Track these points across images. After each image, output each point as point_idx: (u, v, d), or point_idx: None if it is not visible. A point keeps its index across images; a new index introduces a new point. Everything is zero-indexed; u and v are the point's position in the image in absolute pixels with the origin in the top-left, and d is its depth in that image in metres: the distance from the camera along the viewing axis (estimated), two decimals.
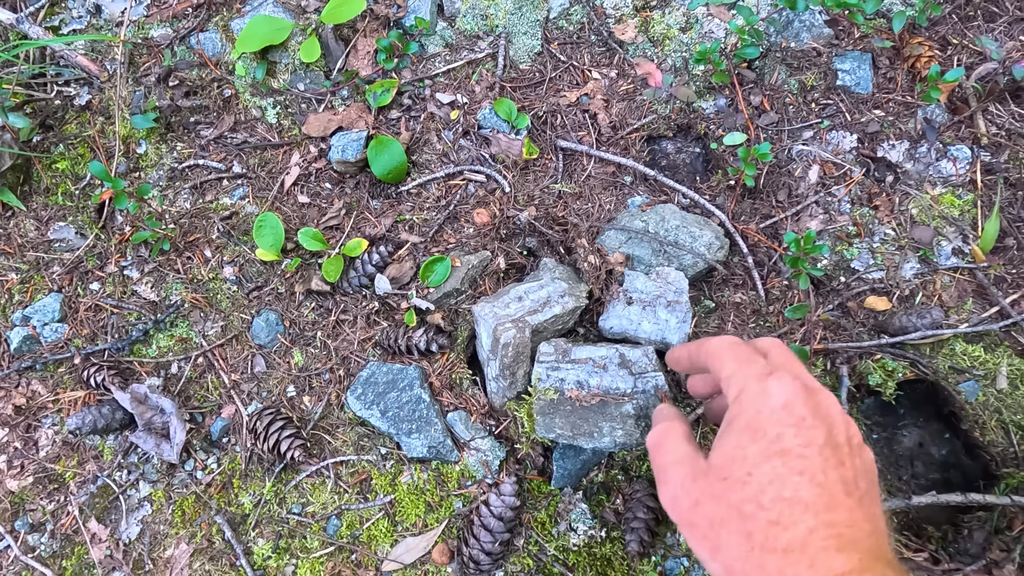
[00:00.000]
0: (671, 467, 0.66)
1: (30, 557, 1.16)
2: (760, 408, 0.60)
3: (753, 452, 0.58)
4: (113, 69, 1.42)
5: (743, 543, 0.54)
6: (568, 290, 1.13)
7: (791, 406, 0.60)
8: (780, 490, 0.55)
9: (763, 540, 0.53)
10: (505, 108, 1.30)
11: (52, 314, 1.28)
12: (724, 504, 0.57)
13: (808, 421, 0.59)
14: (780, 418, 0.59)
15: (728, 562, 0.55)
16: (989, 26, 1.31)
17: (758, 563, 0.53)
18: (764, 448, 0.57)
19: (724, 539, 0.56)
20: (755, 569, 0.53)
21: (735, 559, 0.55)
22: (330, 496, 1.15)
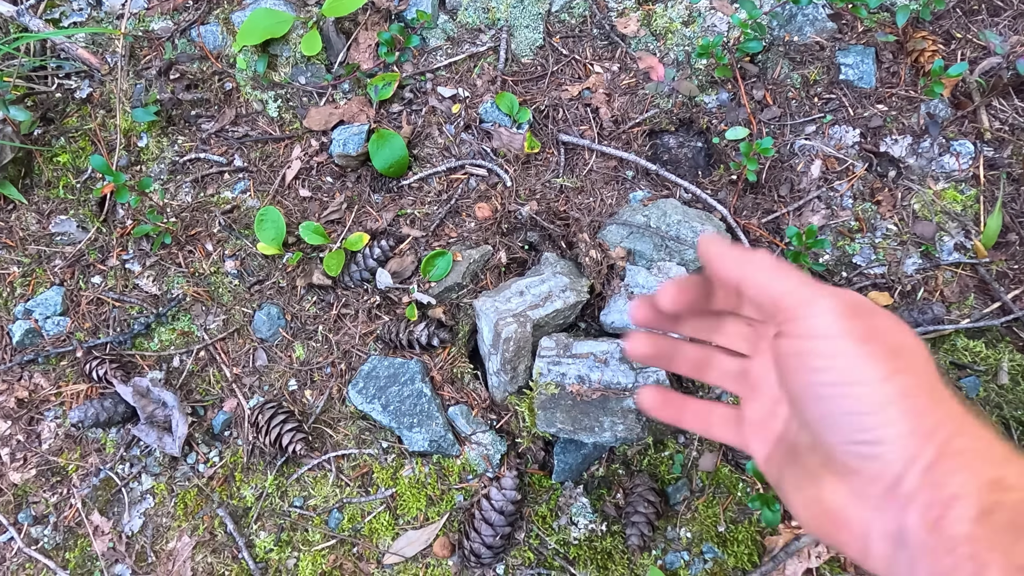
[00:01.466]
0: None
1: (33, 549, 1.16)
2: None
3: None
4: (114, 62, 1.41)
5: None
6: (569, 285, 1.14)
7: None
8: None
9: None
10: (507, 102, 1.30)
11: (54, 307, 1.28)
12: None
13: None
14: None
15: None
16: (993, 20, 1.30)
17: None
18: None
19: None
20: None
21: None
22: (332, 489, 1.16)
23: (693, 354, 0.62)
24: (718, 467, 1.11)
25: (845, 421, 0.45)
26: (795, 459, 0.52)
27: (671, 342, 0.62)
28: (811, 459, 0.50)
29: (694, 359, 0.61)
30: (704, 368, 0.61)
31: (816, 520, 0.49)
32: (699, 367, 0.61)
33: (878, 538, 0.45)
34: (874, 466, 0.44)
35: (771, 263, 0.48)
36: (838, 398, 0.45)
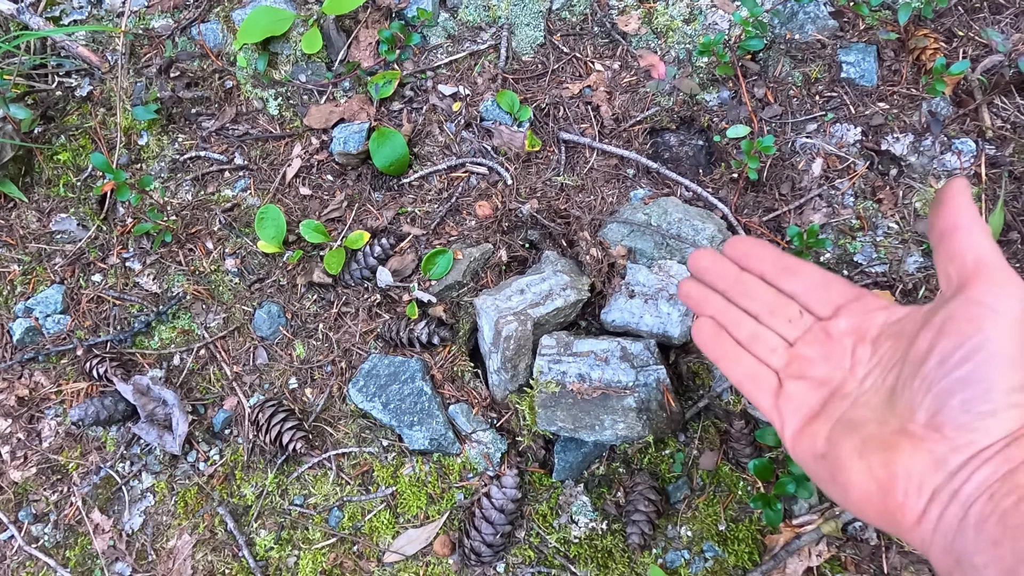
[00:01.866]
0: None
1: (34, 547, 1.16)
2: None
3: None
4: (114, 60, 1.41)
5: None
6: (570, 283, 1.13)
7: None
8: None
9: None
10: (507, 100, 1.30)
11: (54, 305, 1.28)
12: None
13: None
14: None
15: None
16: (995, 18, 1.30)
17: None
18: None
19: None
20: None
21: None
22: (332, 488, 1.16)
23: (744, 321, 0.67)
24: (719, 466, 1.11)
25: (975, 388, 0.49)
26: (854, 429, 0.56)
27: (721, 300, 0.69)
28: (882, 428, 0.54)
29: (743, 324, 0.67)
30: (751, 335, 0.66)
31: (877, 484, 0.52)
32: (746, 331, 0.66)
33: (942, 499, 0.49)
34: (973, 435, 0.49)
35: (986, 228, 0.54)
36: (982, 365, 0.49)
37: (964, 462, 0.49)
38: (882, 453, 0.52)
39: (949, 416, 0.50)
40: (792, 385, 0.62)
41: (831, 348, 0.62)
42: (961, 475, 0.48)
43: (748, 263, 0.68)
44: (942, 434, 0.50)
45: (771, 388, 0.64)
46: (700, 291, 0.71)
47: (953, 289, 0.53)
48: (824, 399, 0.60)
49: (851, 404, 0.58)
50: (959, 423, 0.49)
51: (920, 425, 0.51)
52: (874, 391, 0.57)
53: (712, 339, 0.68)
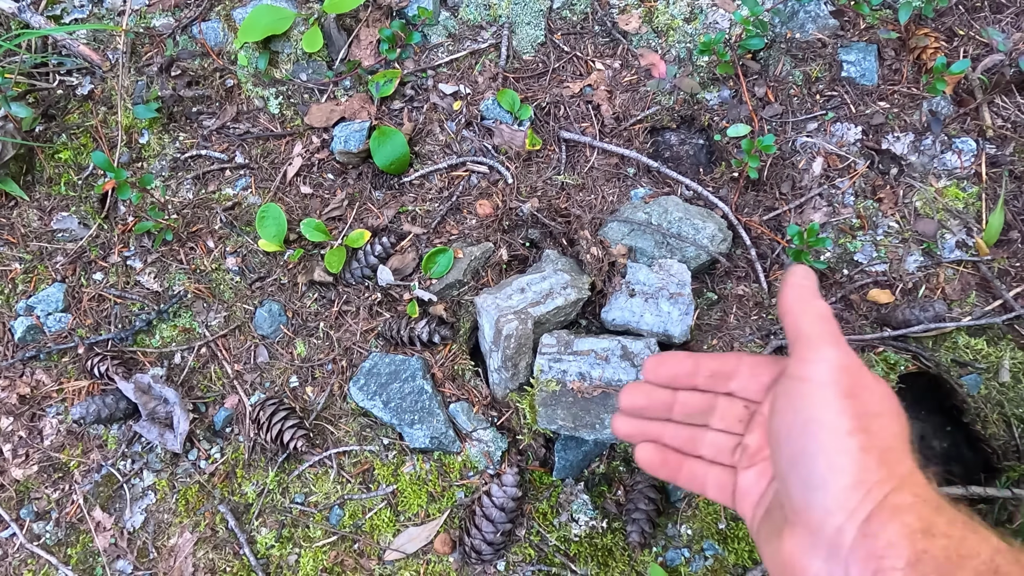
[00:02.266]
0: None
1: (35, 545, 1.17)
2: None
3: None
4: (115, 59, 1.41)
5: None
6: (570, 282, 1.14)
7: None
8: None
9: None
10: (508, 99, 1.30)
11: (56, 304, 1.28)
12: None
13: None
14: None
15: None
16: (996, 17, 1.30)
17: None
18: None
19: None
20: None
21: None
22: (333, 486, 1.16)
23: (684, 432, 0.66)
24: None
25: (803, 461, 0.50)
26: (769, 516, 0.57)
27: (659, 423, 0.67)
28: (778, 514, 0.55)
29: (686, 436, 0.66)
30: (696, 443, 0.65)
31: (779, 569, 0.53)
32: (691, 442, 0.66)
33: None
34: (817, 514, 0.49)
35: (812, 306, 0.55)
36: (805, 438, 0.50)
37: (829, 548, 0.49)
38: (775, 539, 0.53)
39: (795, 496, 0.51)
40: (743, 477, 0.61)
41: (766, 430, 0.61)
42: (835, 566, 0.48)
43: (677, 382, 0.67)
44: (799, 516, 0.51)
45: (724, 486, 0.63)
46: (639, 426, 0.68)
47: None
48: (767, 483, 0.60)
49: (775, 483, 0.59)
50: (803, 503, 0.50)
51: (790, 508, 0.52)
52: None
53: (660, 464, 0.66)
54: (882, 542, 0.46)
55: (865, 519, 0.47)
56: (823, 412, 0.50)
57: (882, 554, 0.46)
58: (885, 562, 0.46)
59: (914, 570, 0.45)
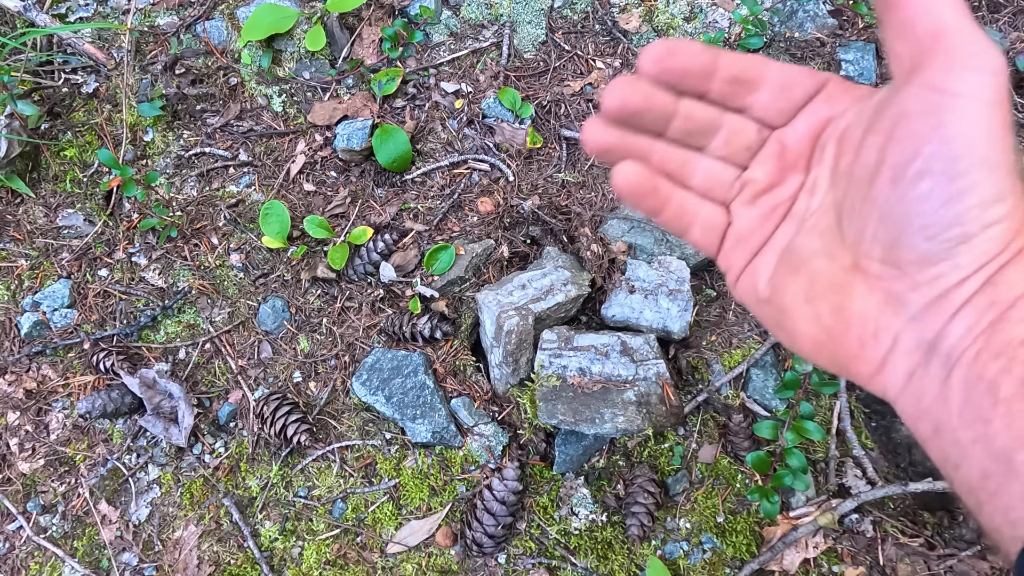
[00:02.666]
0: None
1: (42, 538, 1.18)
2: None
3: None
4: (120, 57, 1.42)
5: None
6: (571, 278, 1.15)
7: None
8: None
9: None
10: (509, 97, 1.31)
11: (61, 300, 1.30)
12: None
13: None
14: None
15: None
16: (993, 17, 1.31)
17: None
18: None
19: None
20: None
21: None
22: (336, 480, 1.17)
23: (678, 155, 0.49)
24: (717, 459, 1.13)
25: (945, 209, 0.37)
26: (802, 267, 0.45)
27: (648, 138, 0.49)
28: (831, 264, 0.43)
29: (678, 160, 0.49)
30: (688, 170, 0.49)
31: (826, 333, 0.43)
32: (682, 168, 0.49)
33: (905, 351, 0.40)
34: (940, 268, 0.38)
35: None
36: (955, 178, 0.36)
37: (931, 303, 0.38)
38: (831, 297, 0.43)
39: (909, 247, 0.39)
40: (739, 217, 0.49)
41: (785, 162, 0.47)
42: (932, 322, 0.38)
43: (686, 83, 0.47)
44: (901, 270, 0.39)
45: (719, 228, 0.50)
46: (622, 138, 0.48)
47: (906, 75, 0.39)
48: (773, 227, 0.47)
49: (798, 230, 0.46)
50: (922, 254, 0.38)
51: (875, 260, 0.40)
52: (823, 211, 0.45)
53: (648, 189, 0.49)
54: (1016, 290, 0.36)
55: (998, 270, 0.36)
56: (984, 144, 0.36)
57: (1010, 303, 0.36)
58: (1012, 312, 0.36)
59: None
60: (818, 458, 1.12)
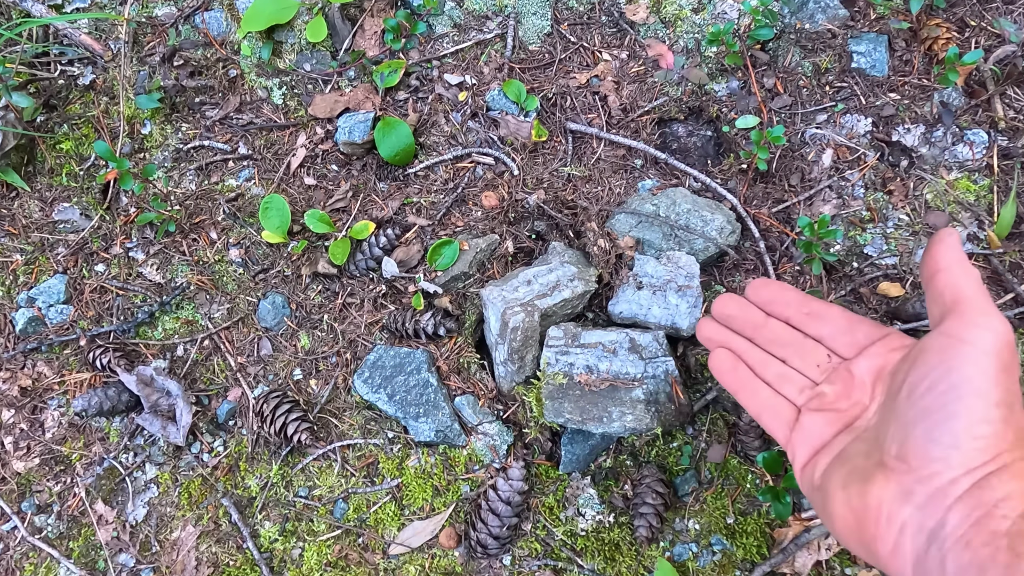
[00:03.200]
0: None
1: (37, 538, 1.16)
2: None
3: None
4: (117, 48, 1.40)
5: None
6: (577, 274, 1.12)
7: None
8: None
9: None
10: (514, 90, 1.29)
11: (57, 295, 1.27)
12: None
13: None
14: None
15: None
16: (1008, 8, 1.28)
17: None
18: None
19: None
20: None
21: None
22: (337, 479, 1.15)
23: (761, 356, 0.69)
24: (727, 458, 1.10)
25: (940, 416, 0.50)
26: (845, 461, 0.57)
27: (742, 339, 0.70)
28: (866, 460, 0.55)
29: (760, 359, 0.69)
30: (768, 370, 0.67)
31: (854, 515, 0.53)
32: (763, 366, 0.68)
33: (912, 533, 0.49)
34: (935, 466, 0.49)
35: (970, 270, 0.55)
36: (949, 395, 0.50)
37: (931, 496, 0.49)
38: (859, 484, 0.54)
39: (913, 446, 0.51)
40: (808, 418, 0.63)
41: (852, 386, 0.62)
42: (932, 512, 0.48)
43: (773, 308, 0.70)
44: (908, 464, 0.51)
45: (788, 420, 0.65)
46: (722, 334, 0.72)
47: (934, 327, 0.56)
48: (835, 432, 0.61)
49: (854, 438, 0.59)
50: (922, 453, 0.50)
51: (892, 456, 0.52)
52: (873, 427, 0.58)
53: (731, 370, 0.69)
54: (998, 493, 0.46)
55: (984, 476, 0.48)
56: (979, 378, 0.50)
57: (994, 503, 0.46)
58: (996, 510, 0.46)
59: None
60: None
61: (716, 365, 0.70)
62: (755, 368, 0.69)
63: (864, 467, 0.54)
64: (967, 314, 0.53)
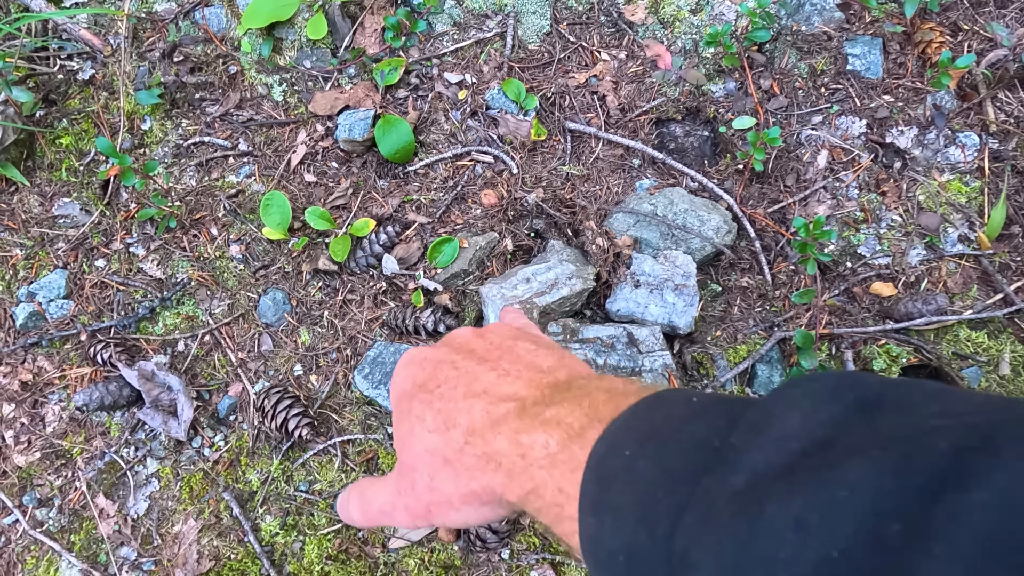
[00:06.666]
0: (383, 496, 0.53)
1: (39, 532, 1.17)
2: (394, 390, 0.56)
3: (403, 410, 0.52)
4: (117, 43, 1.40)
5: (449, 472, 0.47)
6: (576, 272, 1.14)
7: (411, 359, 0.56)
8: (435, 408, 0.49)
9: (454, 454, 0.47)
10: (513, 88, 1.30)
11: (58, 290, 1.28)
12: (421, 465, 0.49)
13: (429, 354, 0.55)
14: (406, 373, 0.54)
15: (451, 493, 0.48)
16: (1000, 12, 1.30)
17: (465, 468, 0.46)
18: (407, 400, 0.52)
19: (441, 484, 0.48)
20: (466, 474, 0.46)
21: (452, 486, 0.47)
22: (337, 474, 1.16)
23: None
24: None
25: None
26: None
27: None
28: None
29: None
30: None
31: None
32: None
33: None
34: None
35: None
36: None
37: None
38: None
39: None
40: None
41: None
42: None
43: None
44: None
45: None
46: None
47: None
48: None
49: None
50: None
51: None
52: None
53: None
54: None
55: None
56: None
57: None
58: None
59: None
60: None
61: None
62: None
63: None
64: None
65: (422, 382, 0.52)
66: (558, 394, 0.46)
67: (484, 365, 0.51)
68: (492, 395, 0.48)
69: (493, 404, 0.47)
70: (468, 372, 0.51)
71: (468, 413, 0.47)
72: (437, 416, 0.49)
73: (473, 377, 0.50)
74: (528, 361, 0.51)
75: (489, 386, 0.49)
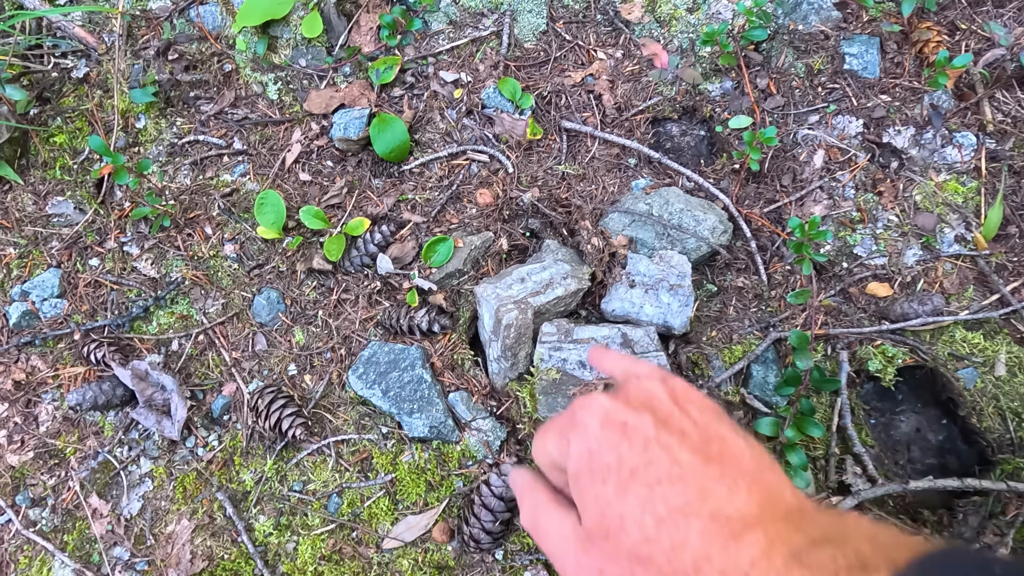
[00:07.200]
0: (558, 547, 0.52)
1: (31, 531, 1.16)
2: (587, 447, 0.51)
3: (610, 492, 0.48)
4: (111, 41, 1.39)
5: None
6: (571, 272, 1.13)
7: (608, 420, 0.51)
8: (655, 512, 0.46)
9: (672, 571, 0.45)
10: (509, 87, 1.29)
11: (51, 289, 1.27)
12: (623, 561, 0.47)
13: (631, 420, 0.50)
14: (607, 440, 0.50)
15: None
16: (998, 12, 1.30)
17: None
18: (615, 481, 0.48)
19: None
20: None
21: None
22: (331, 474, 1.16)
23: None
24: None
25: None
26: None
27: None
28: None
29: None
30: None
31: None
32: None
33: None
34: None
35: None
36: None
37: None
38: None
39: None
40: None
41: None
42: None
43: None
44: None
45: None
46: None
47: None
48: None
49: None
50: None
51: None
52: None
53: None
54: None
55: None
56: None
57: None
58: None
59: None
60: (818, 455, 1.11)
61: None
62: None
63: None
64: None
65: (633, 467, 0.48)
66: (801, 532, 0.43)
67: (710, 467, 0.47)
68: (726, 519, 0.44)
69: (735, 539, 0.43)
70: (693, 474, 0.47)
71: (702, 537, 0.44)
72: (660, 527, 0.45)
73: (701, 487, 0.46)
74: (748, 467, 0.47)
75: (722, 504, 0.45)
